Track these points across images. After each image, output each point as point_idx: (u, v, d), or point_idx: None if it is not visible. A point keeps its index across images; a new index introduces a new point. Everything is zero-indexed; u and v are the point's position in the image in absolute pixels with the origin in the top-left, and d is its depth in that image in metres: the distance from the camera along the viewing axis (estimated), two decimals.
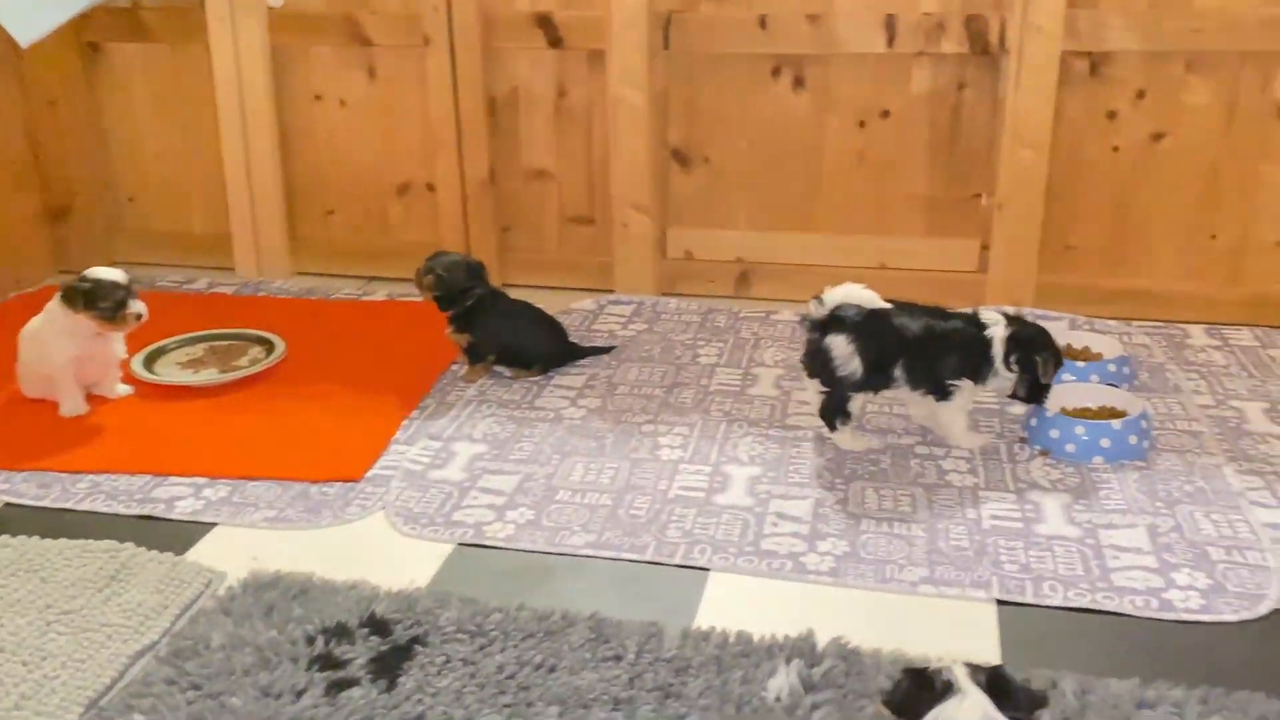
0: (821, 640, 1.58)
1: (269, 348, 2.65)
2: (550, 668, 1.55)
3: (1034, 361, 2.09)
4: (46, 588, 1.75)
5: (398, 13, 3.04)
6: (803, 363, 2.20)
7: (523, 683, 1.52)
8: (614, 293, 3.08)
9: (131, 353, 2.50)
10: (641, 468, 2.13)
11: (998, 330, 2.10)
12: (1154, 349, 2.64)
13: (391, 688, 1.51)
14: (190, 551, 1.88)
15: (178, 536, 1.92)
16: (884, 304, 2.12)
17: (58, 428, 2.32)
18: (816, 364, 2.15)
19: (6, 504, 2.05)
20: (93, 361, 2.39)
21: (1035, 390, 2.12)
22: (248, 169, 3.18)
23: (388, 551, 1.89)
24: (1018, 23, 2.66)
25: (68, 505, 2.03)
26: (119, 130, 3.36)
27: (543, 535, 1.91)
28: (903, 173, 2.95)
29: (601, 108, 3.01)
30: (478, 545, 1.90)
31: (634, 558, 1.85)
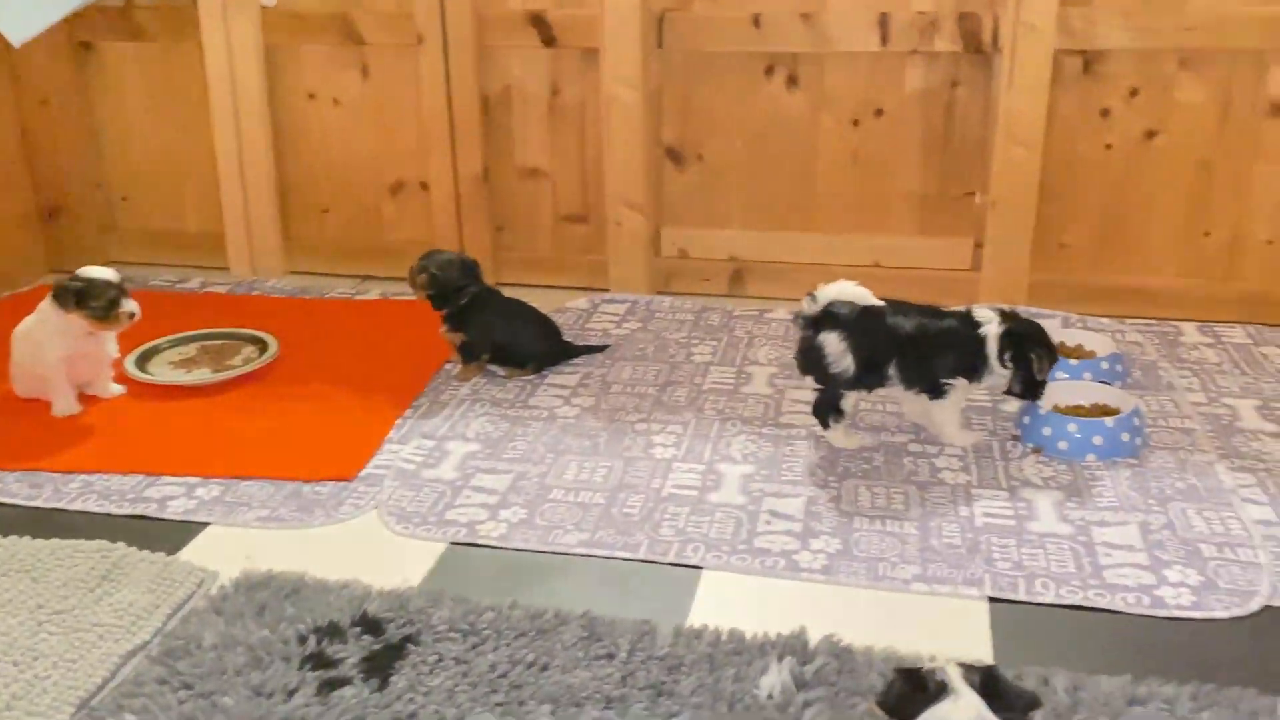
0: (814, 638, 1.58)
1: (262, 347, 2.64)
2: (543, 666, 1.55)
3: (1029, 358, 2.09)
4: (38, 588, 1.75)
5: (391, 11, 3.03)
6: (796, 360, 2.20)
7: (515, 681, 1.52)
8: (608, 291, 3.07)
9: (124, 352, 2.49)
10: (635, 466, 2.13)
11: (991, 328, 2.10)
12: (1147, 347, 2.64)
13: (384, 687, 1.51)
14: (182, 551, 1.88)
15: (170, 536, 1.92)
16: (877, 301, 2.12)
17: (50, 427, 2.32)
18: (809, 362, 2.15)
19: None
20: (85, 361, 2.38)
21: (1031, 386, 2.12)
22: (241, 168, 3.17)
23: (380, 551, 1.89)
24: (1011, 21, 2.67)
25: (60, 505, 2.03)
26: (112, 129, 3.35)
27: (536, 534, 1.91)
28: (896, 171, 2.95)
29: (595, 106, 3.00)
30: (470, 544, 1.90)
31: (627, 556, 1.85)
